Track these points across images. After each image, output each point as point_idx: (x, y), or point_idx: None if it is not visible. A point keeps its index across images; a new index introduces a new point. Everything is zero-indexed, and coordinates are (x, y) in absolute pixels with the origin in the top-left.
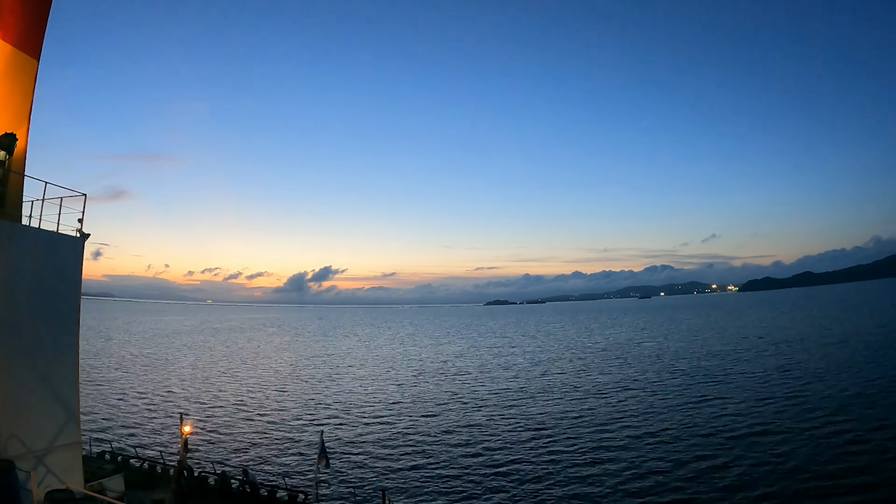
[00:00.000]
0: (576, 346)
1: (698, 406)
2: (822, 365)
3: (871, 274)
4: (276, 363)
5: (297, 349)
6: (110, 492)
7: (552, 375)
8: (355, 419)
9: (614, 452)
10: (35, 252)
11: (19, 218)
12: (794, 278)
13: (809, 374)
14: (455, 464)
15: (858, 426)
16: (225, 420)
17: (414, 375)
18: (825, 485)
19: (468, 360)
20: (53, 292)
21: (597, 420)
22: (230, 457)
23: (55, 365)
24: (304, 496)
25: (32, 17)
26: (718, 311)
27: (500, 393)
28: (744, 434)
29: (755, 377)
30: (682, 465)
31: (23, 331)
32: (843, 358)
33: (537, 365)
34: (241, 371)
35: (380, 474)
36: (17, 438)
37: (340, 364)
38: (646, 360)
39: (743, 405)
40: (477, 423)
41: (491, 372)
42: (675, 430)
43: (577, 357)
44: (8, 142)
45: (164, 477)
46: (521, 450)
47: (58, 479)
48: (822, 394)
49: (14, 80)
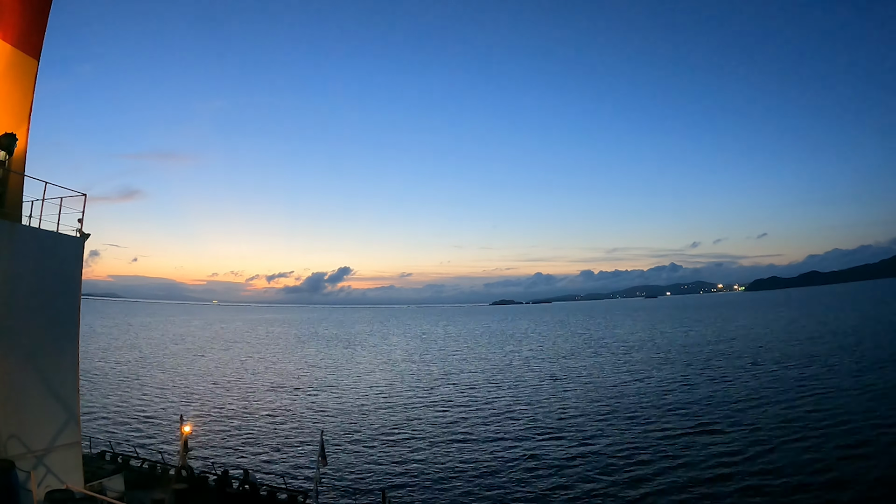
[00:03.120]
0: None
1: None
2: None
3: (878, 273)
4: (276, 363)
5: (296, 349)
6: (110, 492)
7: (532, 373)
8: (355, 419)
9: (610, 449)
10: (35, 252)
11: (19, 218)
12: (801, 277)
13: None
14: (455, 464)
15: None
16: (225, 420)
17: (413, 376)
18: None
19: (466, 361)
20: (53, 292)
21: (585, 423)
22: (230, 457)
23: (55, 365)
24: (304, 496)
25: (32, 17)
26: (712, 312)
27: (500, 393)
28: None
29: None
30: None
31: (23, 331)
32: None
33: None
34: (240, 371)
35: (380, 474)
36: (17, 438)
37: (340, 364)
38: (593, 360)
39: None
40: (476, 424)
41: (488, 373)
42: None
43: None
44: (8, 142)
45: (164, 477)
46: (521, 450)
47: (58, 479)
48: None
49: (14, 80)
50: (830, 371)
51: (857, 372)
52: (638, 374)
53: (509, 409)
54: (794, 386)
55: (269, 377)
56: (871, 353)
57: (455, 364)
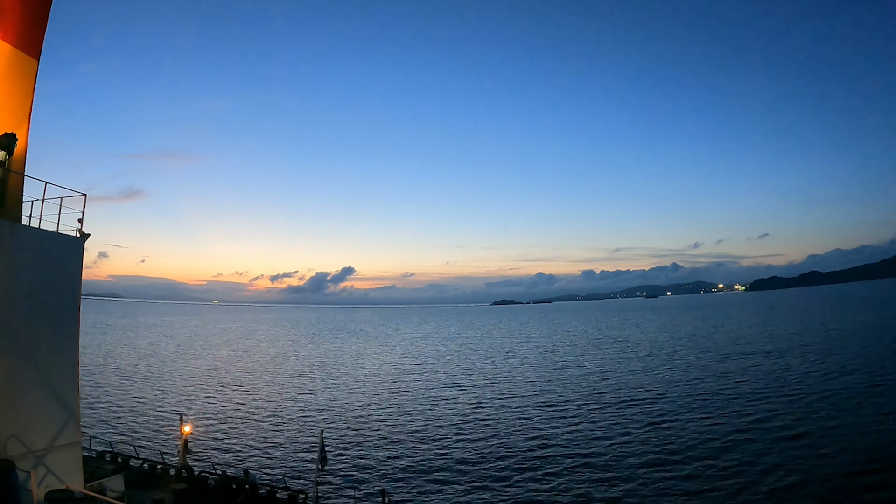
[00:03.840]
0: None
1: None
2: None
3: (879, 273)
4: (276, 364)
5: (296, 350)
6: (110, 492)
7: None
8: (355, 419)
9: (611, 449)
10: (35, 252)
11: (19, 218)
12: (801, 277)
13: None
14: (455, 464)
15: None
16: (225, 420)
17: (412, 376)
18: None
19: (464, 363)
20: (53, 292)
21: (586, 423)
22: (230, 457)
23: (55, 365)
24: (303, 496)
25: (32, 17)
26: (705, 312)
27: (498, 392)
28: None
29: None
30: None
31: (23, 331)
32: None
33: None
34: (240, 371)
35: (380, 474)
36: (17, 438)
37: (340, 365)
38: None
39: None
40: (476, 424)
41: (487, 373)
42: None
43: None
44: (8, 142)
45: (164, 477)
46: (521, 450)
47: (58, 479)
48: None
49: (14, 80)
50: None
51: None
52: (636, 374)
53: (509, 409)
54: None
55: (268, 377)
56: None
57: (454, 365)
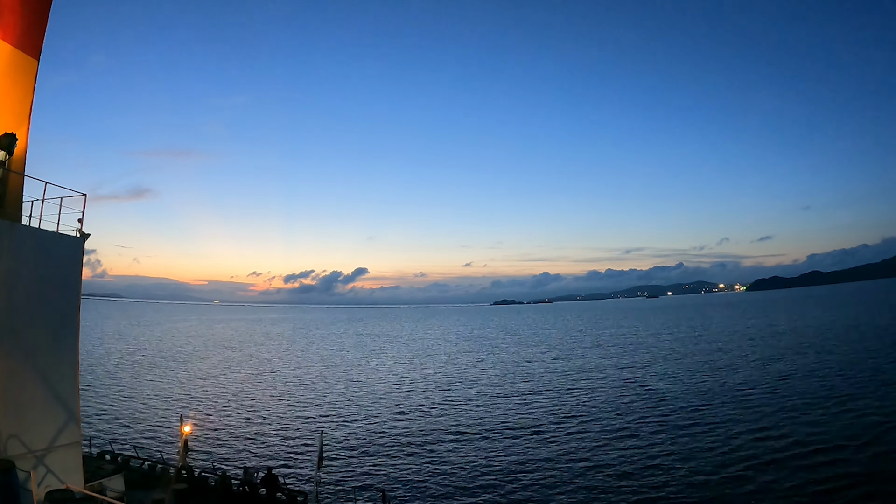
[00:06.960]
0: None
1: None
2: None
3: (880, 272)
4: (275, 364)
5: (296, 350)
6: (110, 492)
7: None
8: (354, 420)
9: (612, 454)
10: (35, 252)
11: (19, 218)
12: (803, 277)
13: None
14: (454, 464)
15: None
16: (225, 420)
17: (412, 376)
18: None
19: (462, 364)
20: (53, 292)
21: (585, 422)
22: (230, 457)
23: (55, 365)
24: (303, 497)
25: (32, 17)
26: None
27: (497, 393)
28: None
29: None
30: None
31: (23, 331)
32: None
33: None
34: (240, 371)
35: (379, 475)
36: (17, 438)
37: (340, 365)
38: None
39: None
40: (476, 424)
41: (486, 373)
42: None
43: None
44: (8, 142)
45: (164, 477)
46: (520, 450)
47: (58, 479)
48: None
49: (14, 80)
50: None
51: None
52: (633, 373)
53: (508, 409)
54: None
55: (268, 377)
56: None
57: (455, 364)
